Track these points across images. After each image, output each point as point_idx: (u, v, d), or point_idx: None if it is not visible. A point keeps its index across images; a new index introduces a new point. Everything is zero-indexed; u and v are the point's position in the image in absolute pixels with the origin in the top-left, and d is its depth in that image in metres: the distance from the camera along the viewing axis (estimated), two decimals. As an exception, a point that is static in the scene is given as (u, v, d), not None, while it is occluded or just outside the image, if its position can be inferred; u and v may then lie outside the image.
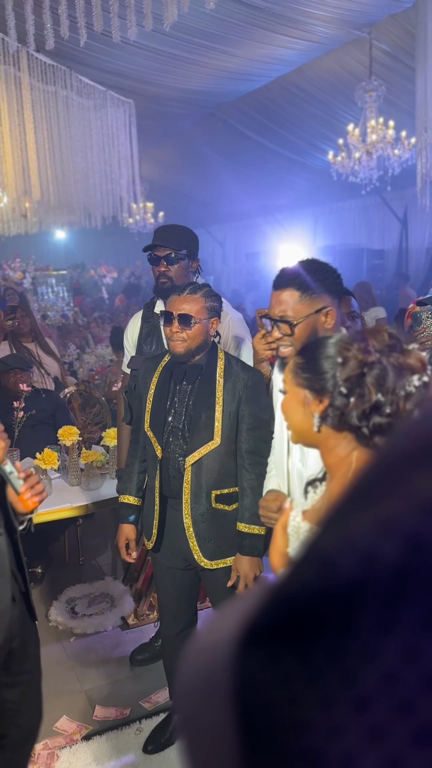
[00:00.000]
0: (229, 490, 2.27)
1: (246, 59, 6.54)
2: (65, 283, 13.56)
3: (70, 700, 2.86)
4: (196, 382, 2.26)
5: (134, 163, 7.09)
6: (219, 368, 2.26)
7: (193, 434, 2.23)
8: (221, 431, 2.21)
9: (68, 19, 2.67)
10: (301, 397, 1.38)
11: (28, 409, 3.52)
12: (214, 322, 2.24)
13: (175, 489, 2.28)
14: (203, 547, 2.27)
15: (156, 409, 2.31)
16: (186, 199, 12.71)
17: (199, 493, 2.23)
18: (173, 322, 2.17)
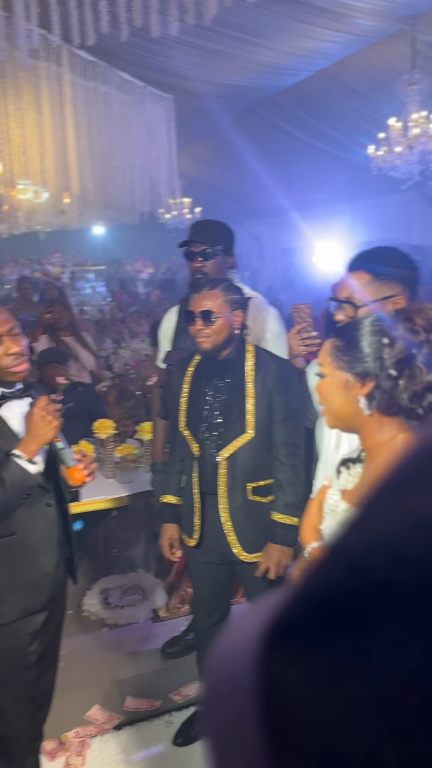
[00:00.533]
0: (265, 482, 2.28)
1: (286, 53, 6.48)
2: (103, 277, 13.70)
3: (101, 690, 2.90)
4: (227, 376, 2.26)
5: (172, 158, 7.11)
6: (249, 361, 2.27)
7: (226, 428, 2.24)
8: (254, 424, 2.22)
9: (108, 14, 2.69)
10: (342, 380, 1.34)
11: (65, 402, 3.55)
12: (238, 315, 2.24)
13: (212, 484, 2.28)
14: (242, 540, 2.27)
15: (191, 408, 2.32)
16: (223, 194, 12.69)
17: (235, 487, 2.24)
18: (196, 320, 2.19)
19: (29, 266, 13.47)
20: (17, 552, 1.85)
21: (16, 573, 1.85)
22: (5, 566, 1.84)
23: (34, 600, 1.89)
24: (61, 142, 5.85)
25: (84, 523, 3.47)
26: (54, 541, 1.95)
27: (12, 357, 1.80)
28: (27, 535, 1.87)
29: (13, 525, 1.84)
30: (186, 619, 3.34)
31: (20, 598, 1.86)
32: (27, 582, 1.87)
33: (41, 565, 1.91)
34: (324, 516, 1.40)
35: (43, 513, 1.91)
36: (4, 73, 5.27)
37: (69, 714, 2.71)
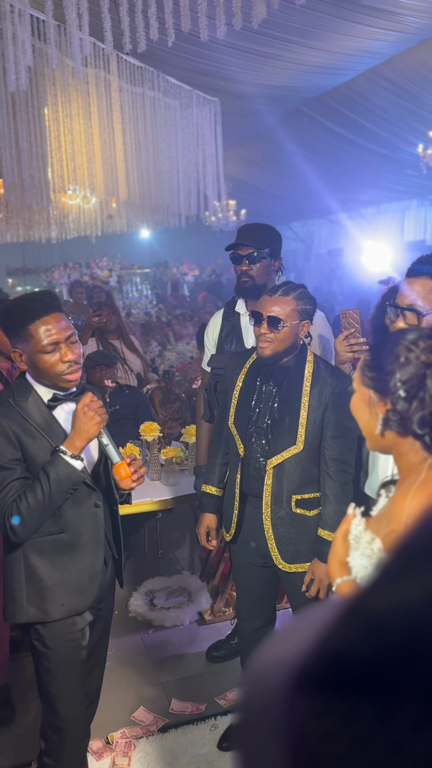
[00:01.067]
0: (310, 495, 2.24)
1: (333, 53, 6.42)
2: (149, 280, 13.84)
3: (147, 691, 2.92)
4: (283, 384, 2.22)
5: (219, 161, 7.12)
6: (307, 372, 2.21)
7: (275, 437, 2.21)
8: (304, 437, 2.17)
9: (157, 21, 2.71)
10: (366, 396, 1.30)
11: (112, 405, 3.61)
12: (305, 325, 2.18)
13: (255, 488, 2.27)
14: (282, 550, 2.25)
15: (241, 406, 2.30)
16: (268, 195, 12.65)
17: (280, 497, 2.22)
18: (262, 323, 2.14)
19: (78, 270, 13.71)
20: (65, 551, 1.88)
21: (63, 572, 1.88)
22: (53, 564, 1.87)
23: (80, 600, 1.91)
24: (108, 148, 5.93)
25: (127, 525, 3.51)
26: (101, 542, 1.96)
27: (67, 364, 1.80)
28: (75, 535, 1.89)
29: (62, 523, 1.86)
30: (231, 623, 3.33)
31: (66, 598, 1.88)
32: (74, 582, 1.89)
33: (88, 566, 1.92)
34: (350, 548, 1.33)
35: (91, 513, 1.93)
36: (55, 81, 5.37)
37: (115, 714, 2.73)
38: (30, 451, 1.79)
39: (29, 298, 1.81)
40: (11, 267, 15.15)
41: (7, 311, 1.80)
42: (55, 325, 1.78)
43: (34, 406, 1.83)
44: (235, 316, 2.80)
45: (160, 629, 3.39)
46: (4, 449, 1.76)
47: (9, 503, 1.74)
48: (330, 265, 13.72)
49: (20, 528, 1.75)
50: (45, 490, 1.74)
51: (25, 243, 11.06)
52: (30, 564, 1.86)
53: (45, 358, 1.78)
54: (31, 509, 1.74)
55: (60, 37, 3.35)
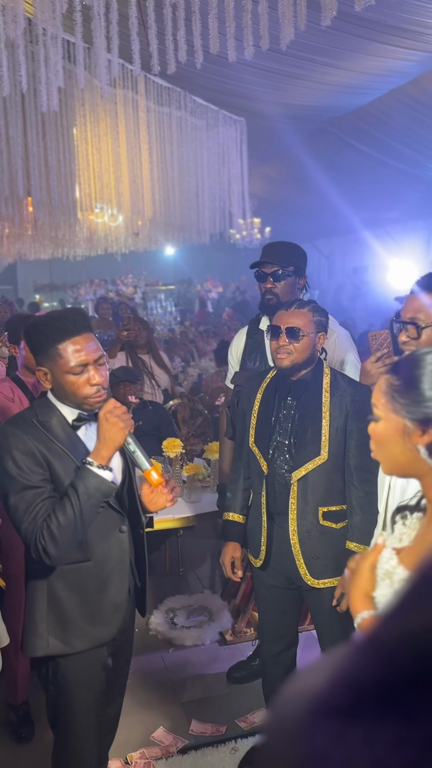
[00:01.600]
0: (337, 507, 2.23)
1: (359, 73, 6.45)
2: (173, 297, 13.94)
3: (166, 711, 2.89)
4: (302, 397, 2.24)
5: (244, 180, 7.18)
6: (325, 383, 2.24)
7: (299, 449, 2.21)
8: (328, 446, 2.18)
9: (186, 43, 2.75)
10: (399, 426, 1.19)
11: (135, 420, 3.62)
12: (321, 337, 2.24)
13: (281, 505, 2.25)
14: (310, 566, 2.23)
15: (261, 424, 2.30)
16: (293, 213, 12.70)
17: (306, 510, 2.20)
18: (281, 335, 2.18)
19: (104, 287, 13.87)
20: (89, 580, 1.81)
21: (86, 602, 1.81)
22: (77, 594, 1.80)
23: (103, 631, 1.84)
24: (135, 167, 6.02)
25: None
26: (126, 570, 1.89)
27: (95, 388, 1.73)
28: (100, 563, 1.82)
29: (87, 551, 1.79)
30: (252, 643, 3.29)
31: (89, 629, 1.81)
32: (97, 613, 1.82)
33: (112, 596, 1.85)
34: (377, 582, 1.23)
35: (116, 540, 1.86)
36: (83, 101, 5.48)
37: (134, 734, 2.70)
38: (56, 471, 1.73)
39: (60, 317, 1.73)
40: (39, 283, 15.39)
41: (36, 328, 1.73)
42: (84, 346, 1.71)
43: (58, 426, 1.77)
44: (260, 333, 2.80)
45: (181, 648, 3.36)
46: (31, 469, 1.69)
47: (39, 524, 1.66)
48: (354, 282, 13.68)
49: (53, 549, 1.66)
50: (75, 505, 1.66)
51: (53, 259, 11.23)
52: (53, 593, 1.79)
53: (72, 380, 1.72)
54: (63, 528, 1.65)
55: (89, 59, 3.42)
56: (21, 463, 1.68)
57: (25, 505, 1.67)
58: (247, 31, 2.72)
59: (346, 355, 2.63)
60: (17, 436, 1.71)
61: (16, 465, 1.68)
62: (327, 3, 2.71)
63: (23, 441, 1.70)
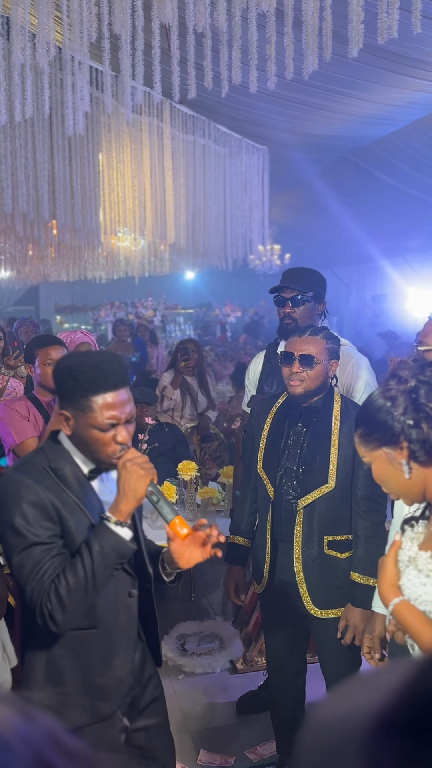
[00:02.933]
0: (342, 536, 2.21)
1: (381, 104, 6.52)
2: (192, 321, 14.03)
3: (175, 740, 2.83)
4: (312, 424, 2.23)
5: (265, 207, 7.25)
6: (335, 411, 2.23)
7: (306, 476, 2.19)
8: (336, 475, 2.16)
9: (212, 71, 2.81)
10: (383, 457, 1.36)
11: (151, 442, 3.62)
12: (334, 365, 2.24)
13: (287, 532, 2.23)
14: (313, 595, 2.20)
15: (269, 449, 2.29)
16: (312, 240, 12.77)
17: (311, 538, 2.18)
18: (294, 362, 2.18)
19: (124, 309, 14.00)
20: (93, 650, 1.64)
21: (88, 674, 1.63)
22: (78, 665, 1.63)
23: (104, 707, 1.66)
24: (159, 193, 6.11)
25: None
26: (133, 639, 1.73)
27: (119, 446, 1.56)
28: (106, 631, 1.65)
29: (93, 617, 1.62)
30: (264, 673, 3.23)
31: (89, 702, 1.64)
32: (99, 687, 1.65)
33: (116, 669, 1.67)
34: (402, 571, 1.38)
35: (124, 605, 1.69)
36: (110, 127, 5.59)
37: (141, 762, 2.65)
38: (68, 527, 1.56)
39: (100, 366, 1.53)
40: (60, 305, 15.58)
41: (72, 374, 1.54)
42: (118, 402, 1.54)
43: (71, 475, 1.60)
44: (277, 357, 2.80)
45: (191, 676, 3.31)
46: (41, 524, 1.52)
47: (47, 586, 1.49)
48: (373, 310, 13.66)
49: (60, 615, 1.48)
50: (87, 566, 1.48)
51: (74, 281, 11.38)
52: (53, 662, 1.62)
53: (97, 436, 1.55)
54: (72, 591, 1.47)
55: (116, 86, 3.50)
56: (30, 517, 1.51)
57: (31, 563, 1.50)
58: (270, 62, 2.77)
59: (364, 382, 2.62)
60: (27, 485, 1.54)
61: (24, 518, 1.51)
62: (352, 35, 2.75)
63: (34, 491, 1.54)
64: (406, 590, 1.34)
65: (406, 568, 1.36)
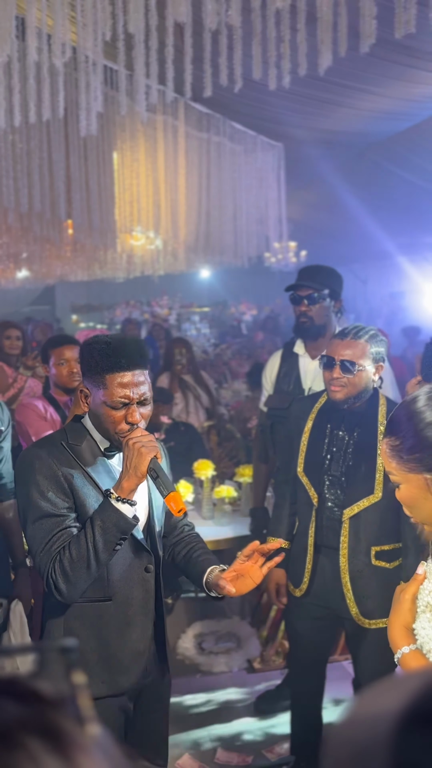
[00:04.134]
0: (391, 546, 2.13)
1: (398, 99, 6.46)
2: (207, 319, 14.02)
3: (193, 738, 2.84)
4: (356, 429, 2.14)
5: (281, 204, 7.21)
6: (381, 416, 2.13)
7: (351, 485, 2.11)
8: (383, 484, 2.07)
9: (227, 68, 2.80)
10: (421, 482, 1.14)
11: (167, 441, 3.62)
12: (379, 368, 2.11)
13: (330, 539, 2.17)
14: (361, 605, 2.13)
15: (312, 453, 2.21)
16: (329, 237, 12.70)
17: (358, 549, 2.11)
18: (334, 367, 2.06)
19: (139, 308, 14.03)
20: (110, 622, 1.67)
21: (105, 646, 1.67)
22: (96, 637, 1.66)
23: (122, 680, 1.69)
24: (174, 191, 6.10)
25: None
26: (150, 614, 1.75)
27: (129, 426, 1.62)
28: (123, 604, 1.68)
29: (109, 589, 1.66)
30: (281, 672, 3.22)
31: (106, 676, 1.67)
32: (116, 659, 1.68)
33: (133, 642, 1.70)
34: (417, 614, 1.20)
35: (141, 580, 1.71)
36: (124, 126, 5.60)
37: (158, 761, 2.66)
38: (81, 499, 1.62)
39: (117, 348, 1.61)
40: (76, 304, 15.65)
41: (91, 350, 1.64)
42: (131, 382, 1.60)
43: (88, 452, 1.67)
44: (294, 356, 2.78)
45: (208, 674, 3.31)
46: (54, 495, 1.59)
47: (53, 556, 1.55)
48: (391, 307, 13.56)
49: (64, 585, 1.54)
50: (89, 540, 1.54)
51: (90, 281, 11.42)
52: (71, 632, 1.65)
53: (109, 413, 1.61)
54: (75, 563, 1.53)
55: (131, 86, 3.50)
56: (44, 488, 1.59)
57: (42, 534, 1.57)
58: (285, 59, 2.75)
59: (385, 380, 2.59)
60: (42, 459, 1.62)
61: (38, 490, 1.59)
62: (365, 30, 2.73)
63: (48, 465, 1.61)
64: (420, 637, 1.18)
65: (423, 612, 1.19)
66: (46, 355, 2.96)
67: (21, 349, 4.45)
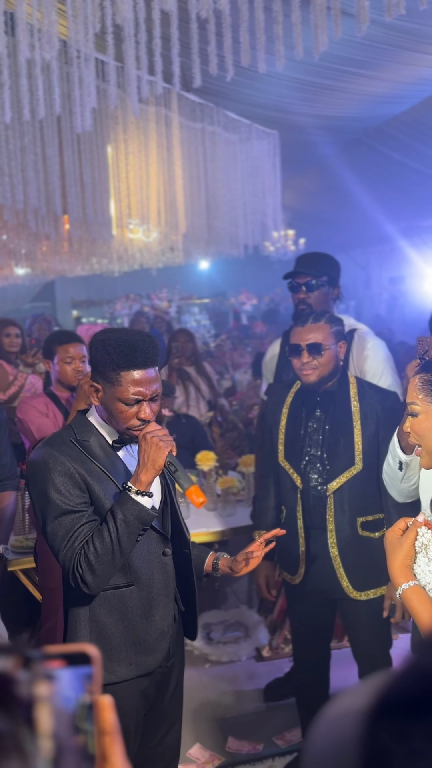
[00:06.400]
0: (374, 516, 2.21)
1: (393, 82, 6.41)
2: (207, 310, 14.01)
3: (203, 728, 2.86)
4: (330, 408, 2.22)
5: (277, 192, 7.18)
6: (352, 392, 2.22)
7: (332, 461, 2.18)
8: (362, 455, 2.16)
9: (216, 57, 2.77)
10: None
11: (170, 434, 3.62)
12: (342, 346, 2.22)
13: (318, 519, 2.22)
14: (352, 578, 2.20)
15: (290, 439, 2.28)
16: (327, 224, 12.65)
17: (344, 521, 2.18)
18: (302, 352, 2.15)
19: (139, 301, 14.02)
20: (134, 605, 1.73)
21: (131, 629, 1.72)
22: (121, 620, 1.72)
23: (149, 660, 1.76)
24: (169, 183, 6.07)
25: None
26: (171, 595, 1.82)
27: (140, 421, 1.66)
28: (145, 588, 1.74)
29: (131, 575, 1.72)
30: (290, 660, 3.23)
31: (135, 657, 1.73)
32: (143, 640, 1.74)
33: (157, 622, 1.77)
34: (415, 555, 1.33)
35: (160, 564, 1.78)
36: (116, 119, 5.56)
37: (170, 750, 2.68)
38: (96, 494, 1.66)
39: (132, 345, 1.64)
40: (76, 299, 15.64)
41: (105, 347, 1.65)
42: (146, 379, 1.64)
43: (97, 446, 1.71)
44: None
45: (217, 664, 3.33)
46: (71, 492, 1.62)
47: (77, 551, 1.59)
48: (391, 292, 13.52)
49: (91, 578, 1.59)
50: (113, 533, 1.58)
51: (89, 276, 11.40)
52: (96, 620, 1.70)
53: (122, 408, 1.65)
54: (100, 556, 1.58)
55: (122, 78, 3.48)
56: (60, 486, 1.62)
57: (63, 531, 1.61)
58: (279, 42, 2.73)
59: (383, 368, 2.59)
60: (56, 457, 1.64)
61: (55, 488, 1.62)
62: (360, 13, 2.70)
63: (62, 462, 1.63)
64: (420, 575, 1.31)
65: (419, 552, 1.32)
66: (51, 352, 2.95)
67: (20, 346, 4.45)
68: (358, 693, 0.35)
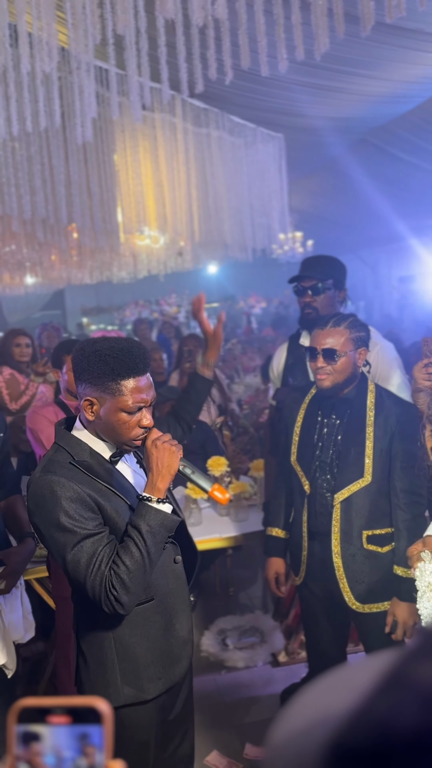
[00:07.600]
0: (382, 530, 2.15)
1: (398, 82, 6.39)
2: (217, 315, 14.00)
3: (220, 735, 2.84)
4: (345, 416, 2.18)
5: (284, 195, 7.18)
6: (369, 401, 2.16)
7: (341, 470, 2.14)
8: (372, 468, 2.11)
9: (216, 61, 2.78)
10: None
11: (181, 440, 3.62)
12: (362, 353, 2.15)
13: (323, 526, 2.20)
14: (354, 590, 2.16)
15: (303, 442, 2.26)
16: (335, 225, 12.62)
17: (350, 533, 2.14)
18: (317, 357, 2.11)
19: (148, 307, 14.05)
20: (156, 619, 1.70)
21: (156, 644, 1.69)
22: (146, 637, 1.68)
23: (177, 670, 1.75)
24: (176, 189, 6.09)
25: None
26: (187, 601, 1.80)
27: (142, 430, 1.63)
28: (163, 599, 1.72)
29: (150, 590, 1.68)
30: (306, 665, 3.21)
31: (162, 671, 1.70)
32: (168, 652, 1.72)
33: (178, 631, 1.75)
34: (420, 595, 1.29)
35: (173, 572, 1.76)
36: (122, 127, 5.59)
37: (187, 758, 2.66)
38: (108, 513, 1.60)
39: (128, 352, 1.59)
40: (86, 306, 15.72)
41: (101, 358, 1.58)
42: (145, 386, 1.61)
43: (96, 464, 1.64)
44: (300, 348, 2.77)
45: (233, 670, 3.31)
46: (84, 516, 1.55)
47: (106, 573, 1.52)
48: (401, 292, 13.45)
49: (126, 597, 1.53)
50: (141, 546, 1.53)
51: (99, 283, 11.45)
52: (121, 641, 1.65)
53: (124, 418, 1.60)
54: (132, 573, 1.52)
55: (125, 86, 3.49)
56: (72, 512, 1.54)
57: (86, 557, 1.53)
58: (280, 44, 2.73)
59: (391, 369, 2.57)
60: (61, 483, 1.56)
61: (68, 516, 1.53)
62: (364, 14, 2.69)
63: (69, 487, 1.56)
64: (423, 617, 1.27)
65: (424, 594, 1.28)
66: (59, 360, 2.95)
67: (31, 356, 4.47)
68: (330, 695, 0.35)
